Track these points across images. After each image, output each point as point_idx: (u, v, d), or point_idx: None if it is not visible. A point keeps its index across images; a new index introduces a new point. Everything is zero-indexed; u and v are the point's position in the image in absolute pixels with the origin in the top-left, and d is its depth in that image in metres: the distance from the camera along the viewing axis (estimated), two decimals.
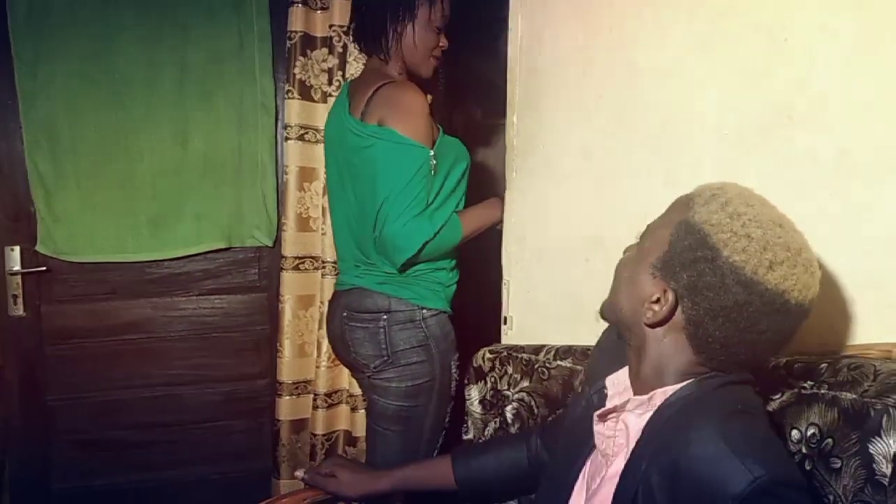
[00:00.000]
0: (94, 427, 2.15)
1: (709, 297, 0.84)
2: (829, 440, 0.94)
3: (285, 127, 2.05)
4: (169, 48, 2.03)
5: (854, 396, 0.94)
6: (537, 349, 1.48)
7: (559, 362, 1.42)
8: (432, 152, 1.53)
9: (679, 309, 0.88)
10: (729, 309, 0.84)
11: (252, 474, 2.23)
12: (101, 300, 2.12)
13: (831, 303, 1.08)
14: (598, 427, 0.96)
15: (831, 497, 0.92)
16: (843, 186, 1.08)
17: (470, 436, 1.55)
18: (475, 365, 1.56)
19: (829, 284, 1.08)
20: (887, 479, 0.87)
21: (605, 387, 1.01)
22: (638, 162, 1.37)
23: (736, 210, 0.85)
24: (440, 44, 1.67)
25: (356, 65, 1.97)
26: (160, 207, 2.09)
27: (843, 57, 1.07)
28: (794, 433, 0.99)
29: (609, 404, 0.97)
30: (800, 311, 0.85)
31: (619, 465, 0.91)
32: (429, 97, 1.66)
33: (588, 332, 1.37)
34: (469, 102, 2.49)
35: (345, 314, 1.65)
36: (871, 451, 0.89)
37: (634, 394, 0.95)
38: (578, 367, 1.38)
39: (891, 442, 0.87)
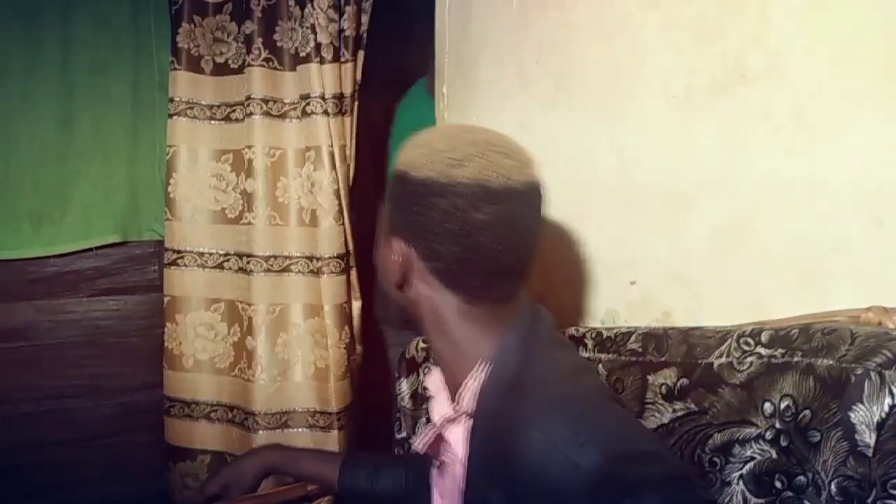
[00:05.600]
0: None
1: (422, 223, 0.80)
2: (807, 412, 0.87)
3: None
4: (51, 18, 1.82)
5: (831, 362, 0.87)
6: None
7: None
8: None
9: (414, 254, 0.82)
10: (442, 224, 0.78)
11: (153, 497, 2.01)
12: None
13: (794, 268, 1.02)
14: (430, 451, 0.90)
15: (810, 475, 0.85)
16: (801, 146, 1.02)
17: (402, 434, 1.42)
18: (407, 356, 1.43)
19: (792, 249, 1.02)
20: (871, 450, 0.80)
21: (426, 388, 0.94)
22: (580, 130, 1.28)
23: (429, 142, 0.83)
24: None
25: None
26: (42, 198, 1.86)
27: (798, 12, 1.01)
28: (767, 406, 0.91)
29: (434, 417, 0.89)
30: (514, 193, 0.81)
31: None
32: None
33: None
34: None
35: None
36: (853, 420, 0.82)
37: (451, 397, 0.86)
38: None
39: (874, 409, 0.81)
